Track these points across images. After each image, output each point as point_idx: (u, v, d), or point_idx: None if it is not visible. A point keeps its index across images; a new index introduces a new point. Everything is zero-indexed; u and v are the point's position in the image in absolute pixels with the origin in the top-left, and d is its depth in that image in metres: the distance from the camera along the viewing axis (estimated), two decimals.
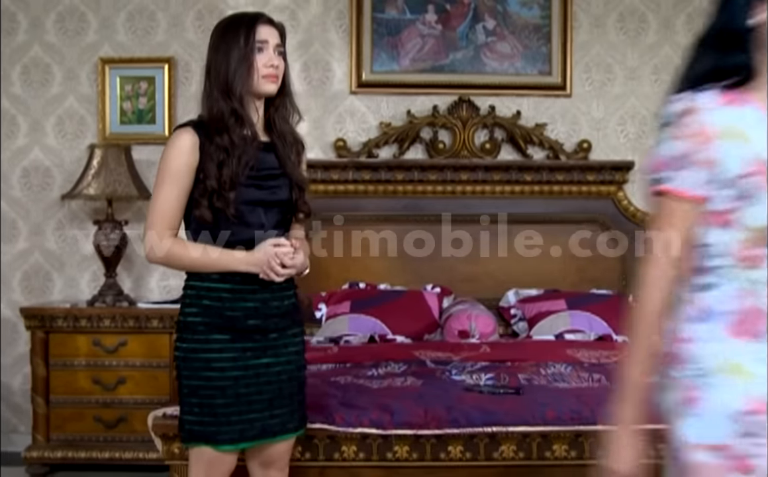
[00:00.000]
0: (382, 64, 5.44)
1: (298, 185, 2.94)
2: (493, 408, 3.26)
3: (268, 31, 2.88)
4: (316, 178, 5.32)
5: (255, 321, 2.83)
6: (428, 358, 4.22)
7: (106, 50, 5.38)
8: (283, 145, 2.91)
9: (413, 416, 3.22)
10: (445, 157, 5.38)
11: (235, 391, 2.80)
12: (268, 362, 2.86)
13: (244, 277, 2.81)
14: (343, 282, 5.32)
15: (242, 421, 2.81)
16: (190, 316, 2.83)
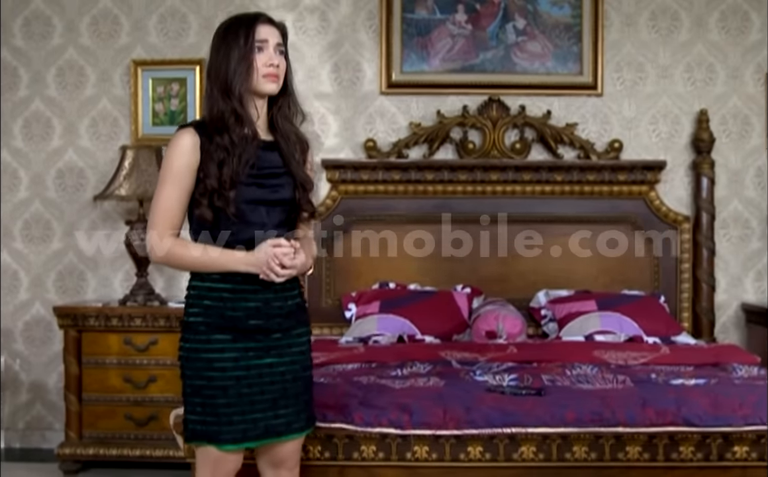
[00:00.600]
0: (412, 65, 5.48)
1: (302, 185, 2.97)
2: (512, 409, 3.28)
3: (267, 30, 2.91)
4: (346, 179, 5.38)
5: (257, 321, 2.87)
6: (454, 358, 4.25)
7: (139, 52, 5.48)
8: (286, 144, 2.95)
9: (432, 416, 3.26)
10: (475, 157, 5.40)
11: (237, 391, 2.84)
12: (271, 362, 2.90)
13: (245, 277, 2.85)
14: (373, 282, 5.38)
15: (245, 421, 2.85)
16: (191, 316, 2.88)
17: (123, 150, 5.21)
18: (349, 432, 3.28)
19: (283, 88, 2.96)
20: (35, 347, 5.52)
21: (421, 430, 3.25)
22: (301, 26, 5.49)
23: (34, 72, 5.51)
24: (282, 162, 2.94)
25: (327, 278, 5.42)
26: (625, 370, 3.99)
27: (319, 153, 5.44)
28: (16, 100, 5.52)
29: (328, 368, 4.14)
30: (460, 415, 3.25)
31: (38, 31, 5.50)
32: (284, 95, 2.96)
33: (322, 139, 5.48)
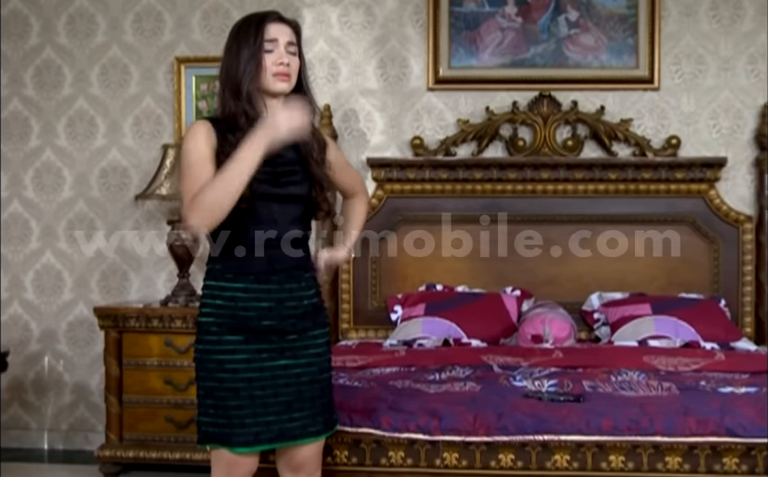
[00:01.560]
0: (460, 59, 5.42)
1: (319, 183, 2.96)
2: (546, 415, 3.21)
3: (278, 29, 2.90)
4: (392, 178, 5.34)
5: (269, 322, 2.86)
6: (496, 363, 4.19)
7: (182, 49, 5.52)
8: (303, 142, 2.94)
9: (461, 422, 3.21)
10: (525, 155, 5.32)
11: (249, 394, 2.83)
12: (285, 364, 2.88)
13: (258, 277, 2.84)
14: (420, 284, 5.34)
15: (258, 424, 2.84)
16: (204, 316, 2.89)
17: (164, 149, 5.25)
18: (376, 437, 3.26)
19: (298, 87, 2.95)
20: (78, 348, 5.60)
21: (451, 436, 3.20)
22: (346, 21, 5.47)
23: (77, 70, 5.59)
24: (298, 159, 2.93)
25: (373, 280, 5.39)
26: (674, 376, 3.89)
27: (364, 151, 5.43)
28: (60, 98, 5.60)
29: (365, 372, 4.12)
30: (490, 421, 3.19)
31: (82, 28, 5.58)
32: (298, 93, 2.95)
33: (368, 137, 5.45)
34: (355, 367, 4.25)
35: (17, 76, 5.62)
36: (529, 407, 3.30)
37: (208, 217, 2.71)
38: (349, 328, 5.37)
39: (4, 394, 5.64)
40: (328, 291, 5.32)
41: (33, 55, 5.62)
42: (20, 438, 5.61)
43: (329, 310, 5.31)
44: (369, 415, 3.28)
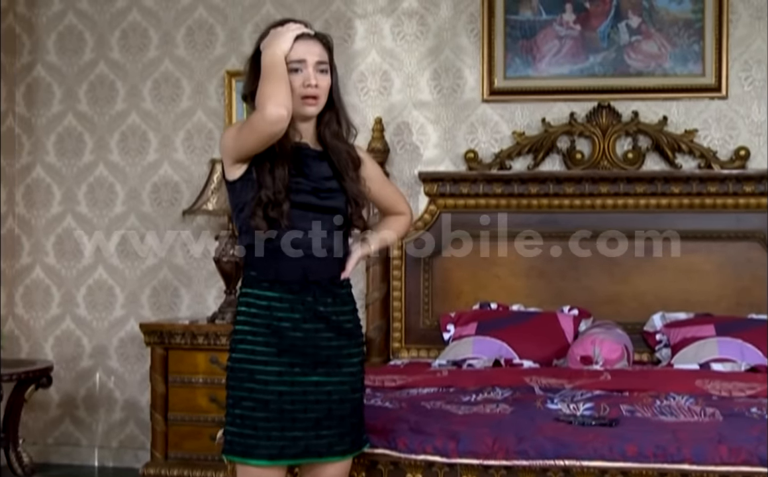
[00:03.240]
0: (516, 70, 5.39)
1: (354, 199, 2.99)
2: (569, 440, 3.17)
3: (305, 48, 2.88)
4: (445, 192, 5.34)
5: (303, 334, 2.89)
6: (539, 384, 4.15)
7: (233, 63, 5.62)
8: (337, 159, 2.96)
9: (480, 445, 3.18)
10: (583, 168, 5.26)
11: (278, 407, 2.86)
12: (318, 380, 2.90)
13: (292, 287, 2.88)
14: (474, 302, 5.32)
15: (284, 438, 2.86)
16: (239, 324, 2.93)
17: (212, 163, 5.35)
18: (393, 458, 3.25)
19: (330, 103, 2.96)
20: (129, 364, 5.74)
21: (468, 459, 3.17)
22: (399, 32, 5.50)
23: (130, 85, 5.75)
24: (332, 174, 2.97)
25: (425, 298, 5.39)
26: (724, 402, 3.78)
27: (417, 165, 5.44)
28: (113, 113, 5.77)
29: (402, 392, 4.12)
30: (510, 445, 3.16)
31: (135, 43, 5.73)
32: (331, 110, 2.97)
33: (421, 151, 5.47)
34: (393, 386, 4.25)
35: (72, 91, 5.81)
36: (554, 431, 3.25)
37: (281, 100, 2.75)
38: (401, 347, 5.38)
39: (55, 409, 5.81)
40: (378, 309, 5.36)
41: (87, 71, 5.80)
42: (71, 454, 5.77)
43: (380, 329, 5.34)
44: (387, 435, 3.28)
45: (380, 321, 5.37)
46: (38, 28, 5.84)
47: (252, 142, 2.82)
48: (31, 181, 5.85)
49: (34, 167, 5.83)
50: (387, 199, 3.24)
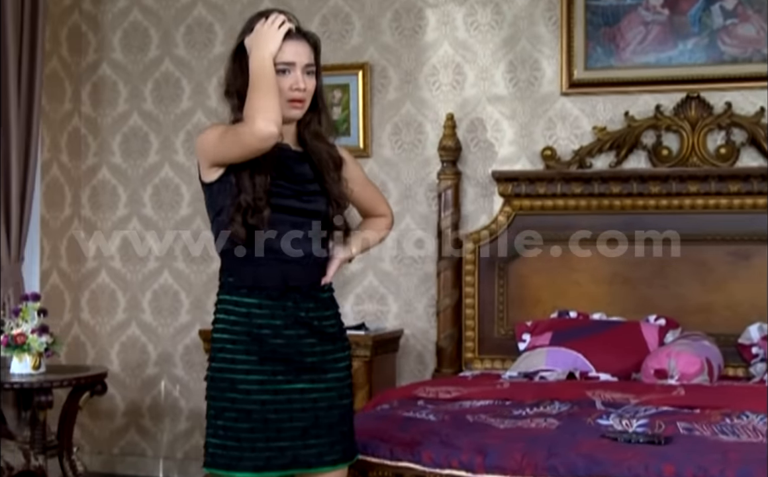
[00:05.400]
0: (598, 60, 5.31)
1: (336, 201, 3.00)
2: (603, 457, 3.11)
3: (294, 49, 2.88)
4: (520, 193, 5.31)
5: (284, 341, 2.91)
6: (602, 399, 4.09)
7: None
8: (318, 160, 2.98)
9: (508, 460, 3.16)
10: (670, 165, 5.15)
11: (262, 417, 2.88)
12: (302, 388, 2.92)
13: (270, 293, 2.91)
14: (553, 310, 5.26)
15: (270, 449, 2.88)
16: (218, 332, 2.96)
17: None
18: (417, 472, 3.27)
19: (314, 104, 2.98)
20: (195, 372, 5.87)
21: (495, 475, 3.16)
22: (472, 22, 5.48)
23: (195, 83, 5.90)
24: (314, 176, 2.99)
25: (500, 305, 5.36)
26: None
27: (492, 164, 5.42)
28: (179, 112, 5.94)
29: (454, 404, 4.12)
30: (539, 461, 3.13)
31: (200, 39, 5.88)
32: (314, 111, 2.98)
33: (495, 149, 5.44)
34: (446, 398, 4.25)
35: (137, 90, 5.99)
36: (591, 448, 3.20)
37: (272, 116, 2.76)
38: (474, 357, 5.36)
39: (120, 418, 6.00)
40: (450, 317, 5.35)
41: (152, 68, 5.98)
42: (136, 465, 5.95)
43: (451, 338, 5.34)
44: (413, 448, 3.29)
45: (451, 329, 5.36)
46: (104, 25, 6.05)
47: (235, 154, 2.85)
48: (97, 183, 6.06)
49: (100, 168, 6.04)
50: (369, 200, 3.25)
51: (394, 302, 5.60)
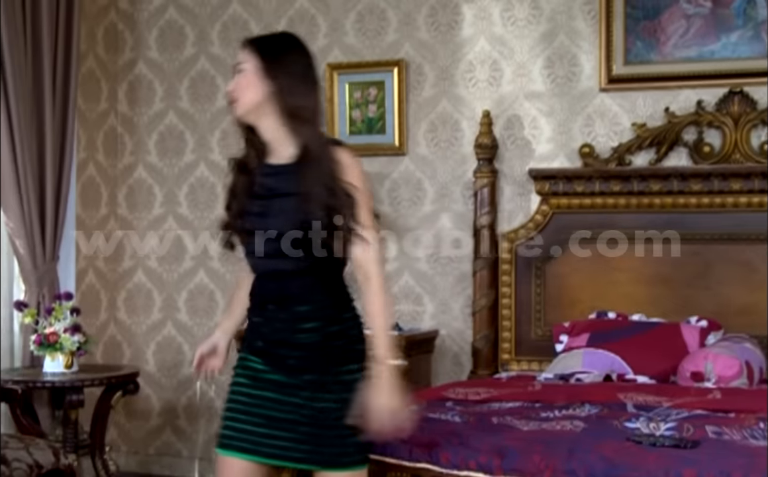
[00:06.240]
0: (637, 54, 5.31)
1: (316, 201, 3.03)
2: (624, 461, 3.13)
3: (240, 56, 3.22)
4: (558, 191, 5.33)
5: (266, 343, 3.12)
6: (634, 402, 4.09)
7: (336, 55, 5.78)
8: (306, 161, 3.08)
9: (526, 462, 3.19)
10: (712, 162, 5.14)
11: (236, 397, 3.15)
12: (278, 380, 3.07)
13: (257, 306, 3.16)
14: (591, 311, 5.26)
15: (234, 429, 3.07)
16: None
17: None
18: (434, 473, 3.31)
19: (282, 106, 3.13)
20: (229, 373, 5.94)
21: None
22: (509, 17, 5.51)
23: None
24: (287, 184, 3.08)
25: (537, 305, 5.39)
26: None
27: (529, 161, 5.44)
28: (214, 110, 6.03)
29: (482, 406, 4.13)
30: (558, 463, 3.15)
31: (235, 36, 5.97)
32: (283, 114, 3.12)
33: (533, 146, 5.46)
34: (475, 400, 4.27)
35: (173, 88, 6.10)
36: (613, 451, 3.21)
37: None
38: (510, 358, 5.38)
39: (156, 418, 6.11)
40: (486, 317, 5.38)
41: (188, 67, 6.09)
42: (172, 466, 6.06)
43: (487, 339, 5.37)
44: (431, 449, 3.34)
45: (488, 330, 5.39)
46: (140, 24, 6.17)
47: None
48: (134, 182, 6.19)
49: (136, 167, 6.17)
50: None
51: (430, 302, 5.64)
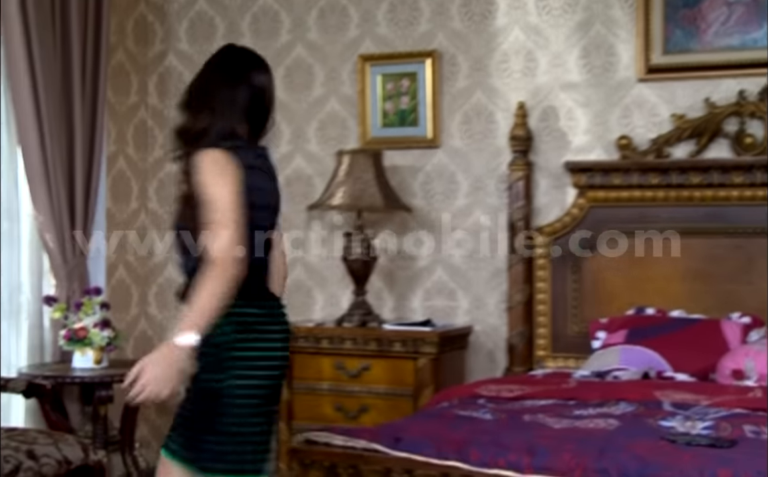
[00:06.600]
0: (677, 43, 5.22)
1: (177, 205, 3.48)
2: (658, 460, 3.08)
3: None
4: (595, 184, 5.27)
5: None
6: (671, 400, 4.05)
7: (368, 46, 5.74)
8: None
9: (556, 461, 3.15)
10: (754, 154, 5.04)
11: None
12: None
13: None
14: (630, 307, 5.20)
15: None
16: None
17: (339, 155, 5.49)
18: (463, 471, 3.27)
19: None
20: None
21: (542, 475, 3.15)
22: (544, 6, 5.44)
23: None
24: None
25: (573, 301, 5.32)
26: None
27: (565, 154, 5.39)
28: None
29: (515, 404, 4.13)
30: (590, 462, 3.11)
31: (266, 28, 5.96)
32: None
33: (569, 138, 5.40)
34: (508, 397, 4.26)
35: None
36: (647, 450, 3.17)
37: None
38: (546, 355, 5.33)
39: None
40: (521, 313, 5.34)
41: None
42: None
43: (522, 335, 5.32)
44: (460, 447, 3.31)
45: (523, 327, 5.34)
46: (170, 15, 6.17)
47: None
48: (164, 176, 6.18)
49: (167, 161, 6.16)
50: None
51: (464, 297, 5.60)
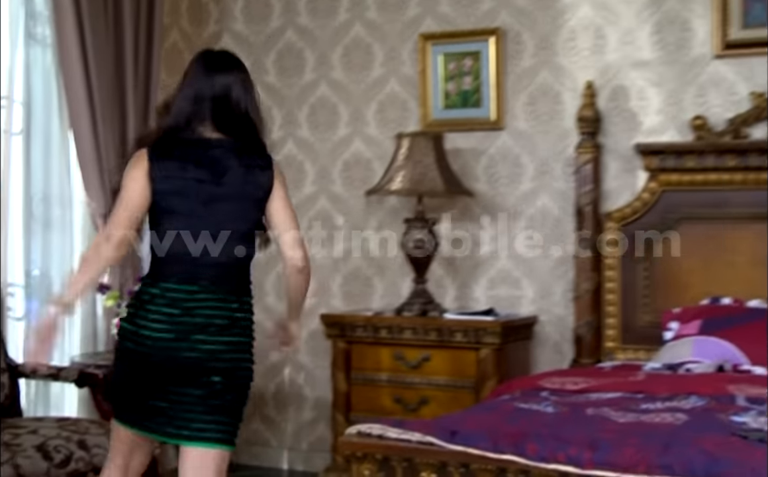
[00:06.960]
0: (756, 17, 5.02)
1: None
2: (726, 456, 2.91)
3: None
4: (667, 167, 5.10)
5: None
6: (746, 395, 3.86)
7: (429, 24, 5.59)
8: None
9: (619, 456, 2.99)
10: None
11: None
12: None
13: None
14: (704, 296, 5.02)
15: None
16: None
17: (398, 138, 5.35)
18: (522, 466, 3.13)
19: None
20: (320, 360, 5.83)
21: (604, 471, 3.00)
22: None
23: (319, 53, 5.87)
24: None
25: (645, 290, 5.15)
26: None
27: (636, 135, 5.21)
28: (303, 84, 5.92)
29: (579, 396, 4.00)
30: (654, 458, 2.94)
31: (322, 7, 5.84)
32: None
33: (640, 119, 5.22)
34: (572, 390, 4.11)
35: (259, 62, 6.00)
36: (715, 446, 2.99)
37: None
38: (616, 347, 5.16)
39: None
40: (589, 303, 5.17)
41: (275, 39, 5.98)
42: (260, 456, 5.97)
43: (590, 326, 5.17)
44: (517, 440, 3.16)
45: (591, 317, 5.17)
46: None
47: None
48: None
49: None
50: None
51: (529, 286, 5.43)
